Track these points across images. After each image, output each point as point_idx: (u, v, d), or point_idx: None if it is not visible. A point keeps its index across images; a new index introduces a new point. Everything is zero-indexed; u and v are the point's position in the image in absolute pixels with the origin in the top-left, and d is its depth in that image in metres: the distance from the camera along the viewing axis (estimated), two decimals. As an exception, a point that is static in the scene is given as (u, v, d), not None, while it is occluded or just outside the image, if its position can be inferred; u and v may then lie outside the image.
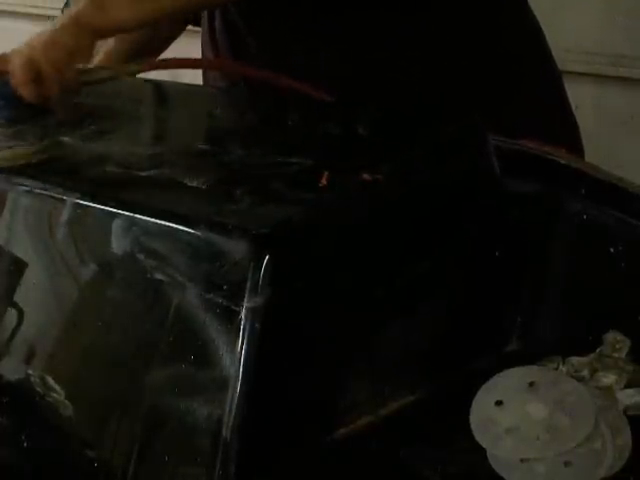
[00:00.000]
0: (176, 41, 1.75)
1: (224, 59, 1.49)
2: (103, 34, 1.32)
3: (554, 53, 1.54)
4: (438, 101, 1.38)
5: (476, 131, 1.17)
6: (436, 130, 1.19)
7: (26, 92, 1.27)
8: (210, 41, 1.50)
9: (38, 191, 1.10)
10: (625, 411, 1.02)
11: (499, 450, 0.98)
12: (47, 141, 1.21)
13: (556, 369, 1.07)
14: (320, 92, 1.31)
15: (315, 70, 1.37)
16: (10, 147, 1.21)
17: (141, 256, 1.00)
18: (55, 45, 1.27)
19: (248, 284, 0.93)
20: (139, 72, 1.43)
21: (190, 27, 1.71)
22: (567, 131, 1.50)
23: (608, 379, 1.05)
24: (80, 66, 1.32)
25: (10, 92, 1.28)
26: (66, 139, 1.20)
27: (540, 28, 1.51)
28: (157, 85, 1.53)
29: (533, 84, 1.48)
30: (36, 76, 1.27)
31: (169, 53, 1.72)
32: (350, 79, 1.38)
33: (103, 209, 1.04)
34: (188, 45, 1.69)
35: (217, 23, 1.49)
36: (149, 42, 1.64)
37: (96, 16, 1.28)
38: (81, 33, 1.27)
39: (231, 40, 1.47)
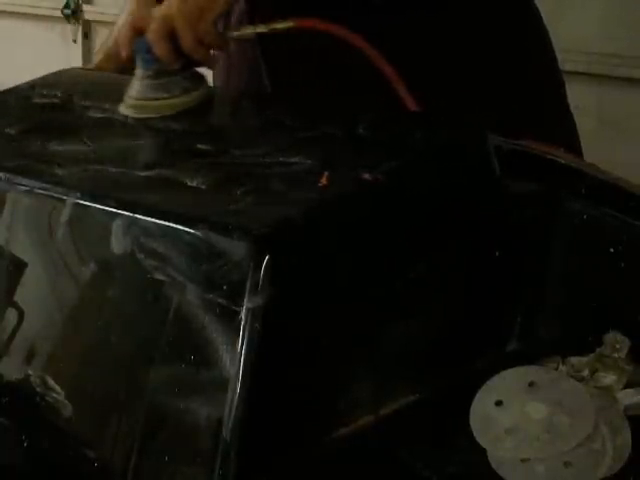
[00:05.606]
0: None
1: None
2: None
3: (554, 53, 1.54)
4: (442, 100, 1.38)
5: (476, 131, 1.17)
6: (437, 130, 1.19)
7: (159, 49, 1.26)
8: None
9: (38, 191, 1.10)
10: (625, 411, 1.02)
11: (499, 450, 0.98)
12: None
13: (556, 369, 1.07)
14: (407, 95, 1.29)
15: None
16: (156, 99, 1.26)
17: (141, 256, 0.99)
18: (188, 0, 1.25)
19: (248, 284, 0.93)
20: (287, 30, 1.36)
21: None
22: (566, 135, 1.50)
23: (608, 379, 1.05)
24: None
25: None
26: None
27: (547, 33, 1.51)
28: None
29: (537, 86, 1.48)
30: (171, 32, 1.25)
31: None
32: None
33: (103, 209, 1.04)
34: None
35: None
36: None
37: None
38: None
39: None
